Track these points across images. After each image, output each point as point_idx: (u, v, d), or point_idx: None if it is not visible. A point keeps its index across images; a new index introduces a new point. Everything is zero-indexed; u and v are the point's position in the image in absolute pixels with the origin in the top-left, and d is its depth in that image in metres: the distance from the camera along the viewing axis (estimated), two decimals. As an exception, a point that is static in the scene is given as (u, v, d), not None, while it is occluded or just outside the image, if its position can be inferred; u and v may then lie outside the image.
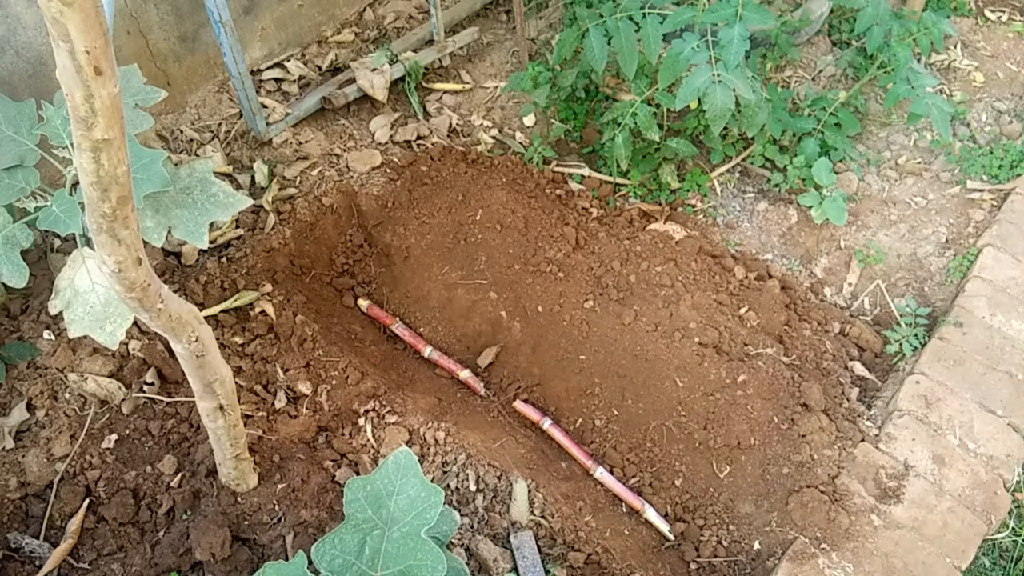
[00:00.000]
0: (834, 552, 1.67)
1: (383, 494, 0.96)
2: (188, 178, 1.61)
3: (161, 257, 2.01)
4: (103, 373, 1.78)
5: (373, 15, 2.72)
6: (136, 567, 1.59)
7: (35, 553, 1.60)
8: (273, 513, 1.67)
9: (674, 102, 1.96)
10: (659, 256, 2.13)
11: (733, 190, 2.40)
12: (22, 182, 1.59)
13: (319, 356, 1.89)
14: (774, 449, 1.83)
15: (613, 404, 1.93)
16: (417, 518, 0.94)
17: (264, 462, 1.72)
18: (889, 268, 2.24)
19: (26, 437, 1.72)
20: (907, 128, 2.52)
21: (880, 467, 1.79)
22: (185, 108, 2.33)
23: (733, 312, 2.04)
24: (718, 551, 1.73)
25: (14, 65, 1.88)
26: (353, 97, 2.40)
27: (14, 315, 1.87)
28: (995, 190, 2.34)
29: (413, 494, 0.95)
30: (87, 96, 0.79)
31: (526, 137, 2.48)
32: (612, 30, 2.03)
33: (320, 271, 2.15)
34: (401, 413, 1.82)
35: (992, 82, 2.64)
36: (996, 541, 1.77)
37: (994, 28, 2.80)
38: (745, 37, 1.89)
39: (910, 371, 1.95)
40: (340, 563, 0.94)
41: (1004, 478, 1.78)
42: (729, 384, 1.89)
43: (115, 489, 1.68)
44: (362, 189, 2.23)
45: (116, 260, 0.98)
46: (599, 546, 1.68)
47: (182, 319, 1.17)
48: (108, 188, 0.89)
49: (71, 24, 0.72)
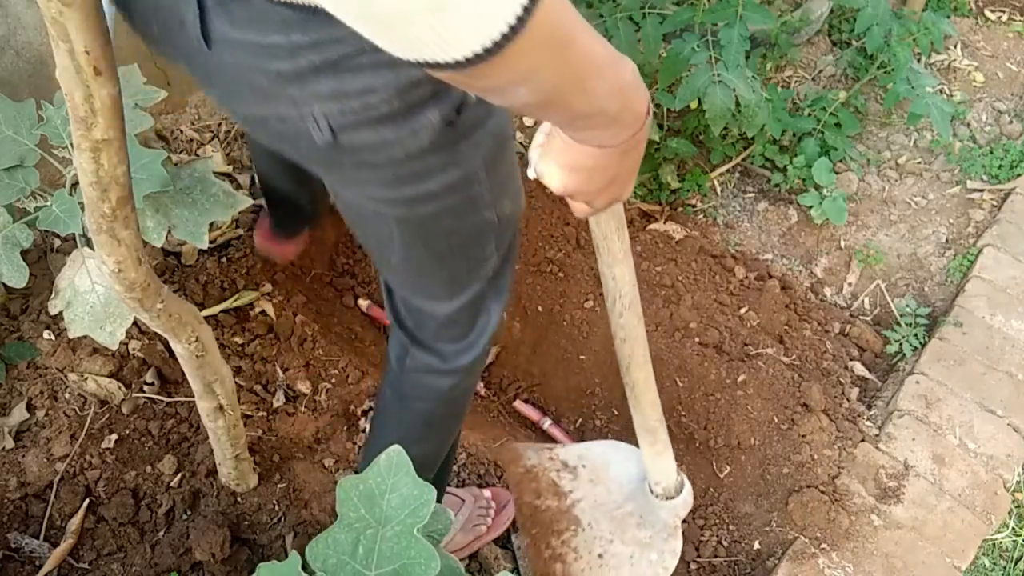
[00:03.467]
0: (834, 552, 1.67)
1: (376, 493, 0.95)
2: (188, 178, 1.61)
3: (161, 257, 2.01)
4: (103, 373, 1.78)
5: (373, 15, 2.72)
6: (136, 567, 1.59)
7: (35, 553, 1.60)
8: (273, 513, 1.67)
9: (674, 102, 1.96)
10: (659, 256, 2.13)
11: (733, 190, 2.40)
12: (22, 182, 1.59)
13: (319, 356, 1.89)
14: (774, 449, 1.83)
15: (613, 404, 1.93)
16: (410, 516, 0.94)
17: (264, 462, 1.72)
18: (889, 268, 2.24)
19: (26, 437, 1.72)
20: (907, 128, 2.52)
21: (880, 467, 1.79)
22: (185, 108, 2.33)
23: (733, 312, 2.04)
24: (718, 551, 1.73)
25: (14, 65, 1.87)
26: (353, 97, 2.39)
27: (14, 315, 1.86)
28: (995, 190, 2.34)
29: (406, 492, 0.95)
30: (87, 96, 0.79)
31: (526, 137, 2.48)
32: (612, 30, 2.03)
33: (320, 271, 2.15)
34: (401, 413, 1.82)
35: (992, 82, 2.64)
36: (996, 541, 1.77)
37: (994, 28, 2.80)
38: (745, 37, 1.89)
39: (910, 371, 1.95)
40: (334, 563, 0.93)
41: (1004, 478, 1.78)
42: (729, 384, 1.89)
43: (115, 489, 1.68)
44: (362, 189, 2.23)
45: (116, 260, 0.98)
46: (599, 546, 1.68)
47: (182, 319, 1.17)
48: (108, 188, 0.89)
49: (71, 24, 0.72)
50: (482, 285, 1.09)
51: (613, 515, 1.40)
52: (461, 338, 1.15)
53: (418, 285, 1.10)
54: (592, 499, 1.43)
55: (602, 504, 1.42)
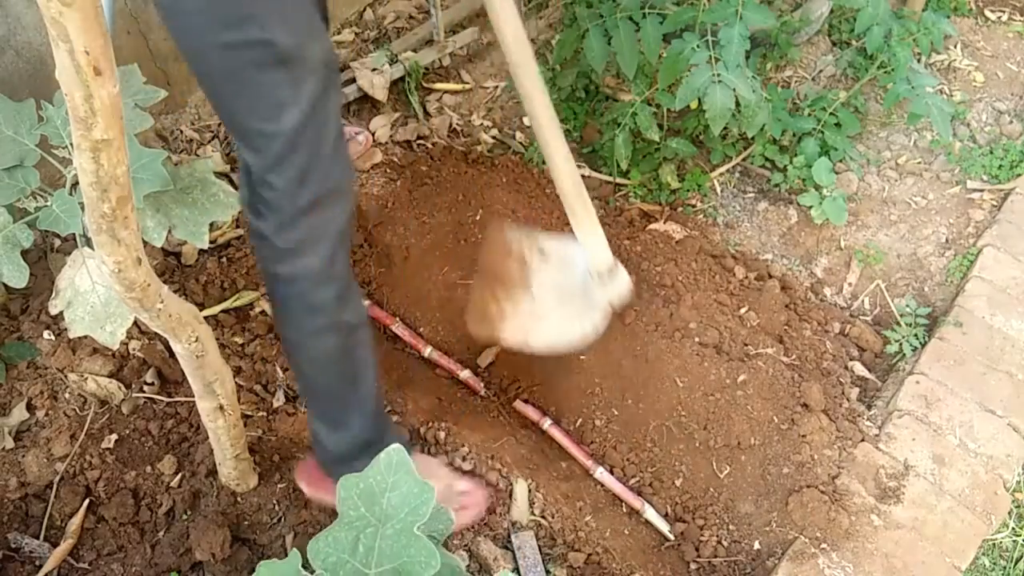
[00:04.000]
0: (834, 552, 1.67)
1: (376, 491, 0.96)
2: (188, 178, 1.61)
3: (161, 257, 2.01)
4: (103, 373, 1.78)
5: (373, 15, 2.72)
6: (136, 567, 1.59)
7: (35, 553, 1.60)
8: (273, 513, 1.67)
9: (674, 102, 1.96)
10: (659, 256, 2.13)
11: (733, 190, 2.40)
12: (22, 182, 1.59)
13: (319, 356, 1.89)
14: (774, 449, 1.83)
15: (613, 404, 1.93)
16: (410, 515, 0.94)
17: (264, 462, 1.73)
18: (889, 268, 2.24)
19: (26, 437, 1.72)
20: (907, 128, 2.52)
21: (880, 467, 1.79)
22: (185, 108, 2.33)
23: (733, 312, 2.04)
24: (718, 551, 1.73)
25: (14, 65, 1.88)
26: (353, 97, 2.40)
27: (14, 315, 1.87)
28: (995, 190, 2.34)
29: (405, 491, 0.95)
30: (87, 96, 0.79)
31: (526, 137, 2.48)
32: (612, 30, 2.03)
33: (320, 271, 2.15)
34: (401, 413, 1.82)
35: (992, 82, 2.64)
36: (996, 541, 1.77)
37: (994, 28, 2.80)
38: (745, 37, 1.89)
39: (910, 371, 1.95)
40: (334, 561, 0.94)
41: (1004, 478, 1.78)
42: (729, 384, 1.89)
43: (115, 489, 1.68)
44: (362, 189, 2.23)
45: (116, 260, 0.98)
46: (599, 546, 1.68)
47: (182, 319, 1.17)
48: (108, 188, 0.89)
49: (71, 24, 0.72)
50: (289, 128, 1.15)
51: (560, 296, 1.67)
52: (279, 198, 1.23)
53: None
54: (550, 280, 1.68)
55: (556, 286, 1.68)
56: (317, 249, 1.27)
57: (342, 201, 1.27)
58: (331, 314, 1.33)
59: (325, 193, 1.23)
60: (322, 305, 1.31)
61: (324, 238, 1.27)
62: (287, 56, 1.08)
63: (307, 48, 1.11)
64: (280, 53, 0.93)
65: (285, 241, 1.25)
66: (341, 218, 1.28)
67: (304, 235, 1.25)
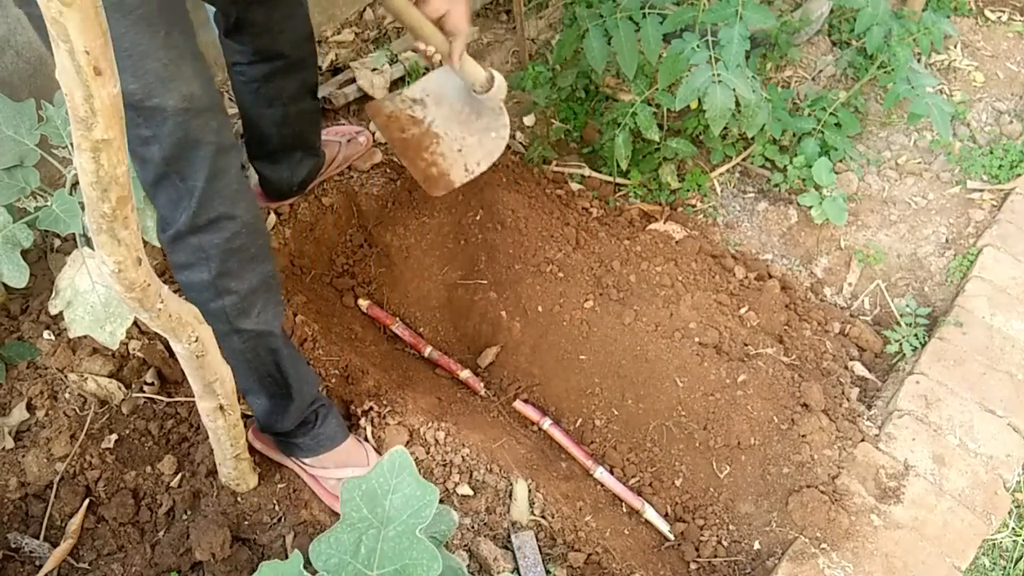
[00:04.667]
0: (834, 552, 1.67)
1: (378, 493, 0.96)
2: (188, 178, 1.61)
3: (161, 257, 2.01)
4: (103, 373, 1.78)
5: (373, 15, 2.72)
6: (136, 567, 1.59)
7: (35, 553, 1.60)
8: (273, 513, 1.67)
9: (674, 102, 1.96)
10: (659, 256, 2.13)
11: (733, 190, 2.40)
12: (22, 182, 1.59)
13: (319, 356, 1.89)
14: (774, 449, 1.83)
15: (613, 404, 1.93)
16: (412, 517, 0.94)
17: (264, 462, 1.73)
18: (889, 268, 2.24)
19: (26, 437, 1.72)
20: (907, 128, 2.52)
21: (880, 467, 1.79)
22: (185, 108, 2.32)
23: (733, 312, 2.04)
24: (718, 551, 1.73)
25: (14, 65, 1.88)
26: (353, 97, 2.40)
27: (14, 315, 1.87)
28: (995, 190, 2.34)
29: (408, 492, 0.95)
30: (87, 96, 0.79)
31: (526, 137, 2.48)
32: (612, 30, 2.03)
33: (320, 271, 2.15)
34: (401, 413, 1.82)
35: (992, 82, 2.64)
36: (996, 541, 1.77)
37: (994, 28, 2.80)
38: (745, 37, 1.89)
39: (910, 371, 1.95)
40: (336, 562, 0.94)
41: (1004, 478, 1.78)
42: (729, 384, 1.89)
43: (115, 489, 1.68)
44: (362, 189, 2.23)
45: (116, 260, 0.98)
46: (599, 546, 1.68)
47: (182, 319, 1.17)
48: (108, 188, 0.89)
49: (71, 24, 0.72)
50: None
51: (459, 120, 1.86)
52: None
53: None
54: (441, 116, 1.88)
55: (448, 117, 1.87)
56: (201, 267, 1.32)
57: (229, 227, 1.30)
58: (230, 321, 1.39)
59: (205, 222, 1.28)
60: (218, 313, 1.36)
61: (209, 258, 1.32)
62: (134, 102, 1.12)
63: (157, 96, 1.14)
64: (127, 97, 0.96)
65: (173, 254, 1.33)
66: (232, 242, 1.32)
67: (187, 255, 1.31)
